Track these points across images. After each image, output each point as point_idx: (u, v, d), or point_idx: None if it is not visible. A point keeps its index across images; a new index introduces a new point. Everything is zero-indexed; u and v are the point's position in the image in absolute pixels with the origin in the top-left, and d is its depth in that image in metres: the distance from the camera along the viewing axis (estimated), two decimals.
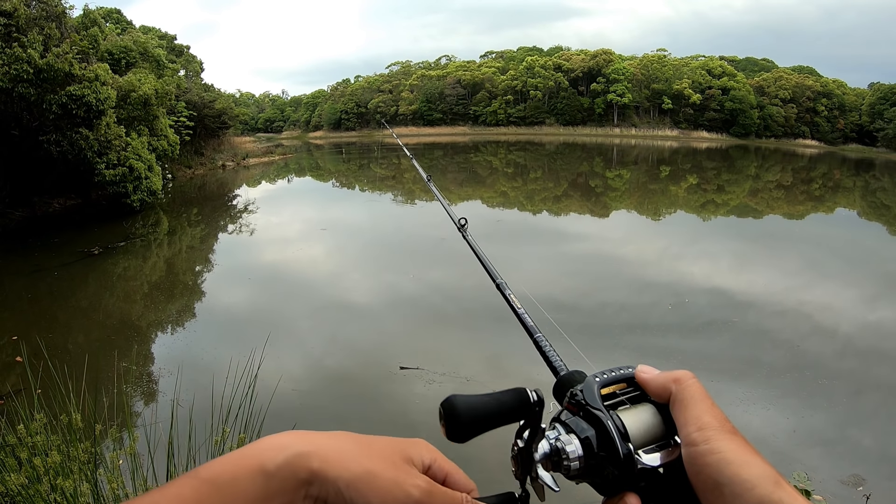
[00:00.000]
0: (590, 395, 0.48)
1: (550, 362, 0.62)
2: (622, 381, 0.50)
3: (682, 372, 0.48)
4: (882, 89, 56.81)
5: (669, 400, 0.47)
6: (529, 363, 5.12)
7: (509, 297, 0.80)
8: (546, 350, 0.64)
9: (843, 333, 6.69)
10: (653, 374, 0.49)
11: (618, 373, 0.50)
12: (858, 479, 3.90)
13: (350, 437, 0.47)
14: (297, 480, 0.42)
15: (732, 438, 0.43)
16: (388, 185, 24.84)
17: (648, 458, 0.46)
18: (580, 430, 0.47)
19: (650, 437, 0.47)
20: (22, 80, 11.37)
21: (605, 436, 0.46)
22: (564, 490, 0.50)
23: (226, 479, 0.41)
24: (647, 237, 13.40)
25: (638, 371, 0.50)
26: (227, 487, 0.40)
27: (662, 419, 0.48)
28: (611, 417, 0.46)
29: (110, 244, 11.47)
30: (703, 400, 0.46)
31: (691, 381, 0.47)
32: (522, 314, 0.74)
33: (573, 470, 0.46)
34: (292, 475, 0.42)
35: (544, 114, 68.42)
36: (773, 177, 29.35)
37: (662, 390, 0.48)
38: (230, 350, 4.60)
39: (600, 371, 0.51)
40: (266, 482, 0.41)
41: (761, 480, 0.40)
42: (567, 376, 0.56)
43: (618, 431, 0.46)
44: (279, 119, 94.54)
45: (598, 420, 0.47)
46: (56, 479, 2.28)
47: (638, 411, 0.48)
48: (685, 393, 0.46)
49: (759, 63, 72.78)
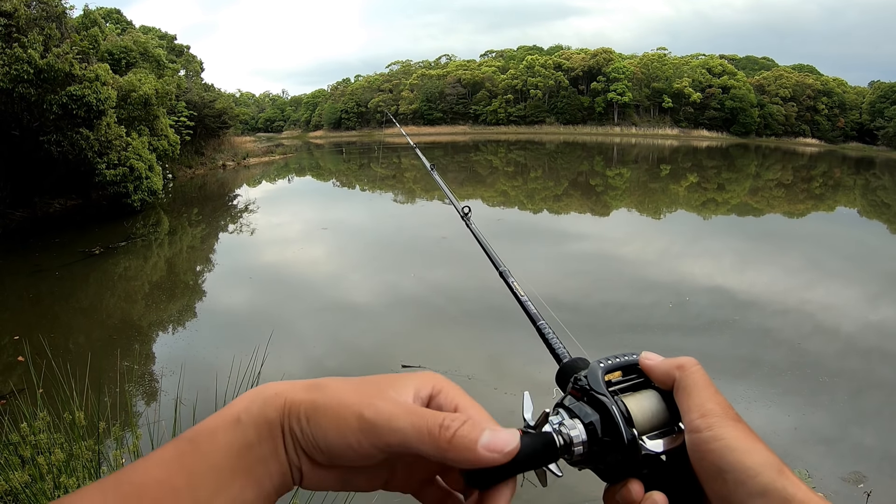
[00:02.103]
0: (594, 380, 0.48)
1: (553, 349, 0.61)
2: (626, 367, 0.50)
3: (686, 359, 0.47)
4: (882, 88, 56.77)
5: (673, 387, 0.47)
6: (531, 363, 5.13)
7: (512, 284, 0.79)
8: (549, 337, 0.64)
9: (845, 332, 6.69)
10: (657, 361, 0.49)
11: (622, 359, 0.50)
12: (859, 477, 3.91)
13: (336, 378, 0.43)
14: (269, 423, 0.40)
15: (736, 426, 0.43)
16: (388, 184, 24.84)
17: (652, 445, 0.45)
18: (584, 414, 0.46)
19: (654, 424, 0.47)
20: (22, 80, 11.37)
21: (609, 421, 0.45)
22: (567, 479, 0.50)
23: (204, 436, 0.40)
24: (647, 236, 13.39)
25: (642, 357, 0.50)
26: (205, 443, 0.39)
27: (666, 406, 0.47)
28: (615, 402, 0.46)
29: (111, 244, 11.48)
30: (707, 387, 0.45)
31: (695, 367, 0.47)
32: (525, 301, 0.73)
33: (576, 455, 0.45)
34: (263, 419, 0.40)
35: (544, 113, 68.39)
36: (774, 175, 29.33)
37: (666, 377, 0.47)
38: (232, 350, 4.60)
39: (604, 357, 0.50)
40: (241, 431, 0.40)
41: (765, 468, 0.40)
42: (570, 363, 0.56)
43: (622, 416, 0.45)
44: (279, 119, 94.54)
45: (602, 405, 0.46)
46: (59, 477, 2.29)
47: (642, 397, 0.48)
48: (689, 380, 0.46)
49: (760, 62, 72.78)
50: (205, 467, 0.38)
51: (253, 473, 0.39)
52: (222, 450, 0.39)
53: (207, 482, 0.38)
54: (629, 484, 0.45)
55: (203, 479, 0.38)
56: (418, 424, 0.39)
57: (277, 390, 0.41)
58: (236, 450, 0.39)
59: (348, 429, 0.39)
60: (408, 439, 0.39)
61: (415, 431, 0.39)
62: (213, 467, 0.38)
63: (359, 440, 0.39)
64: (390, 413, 0.39)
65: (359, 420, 0.39)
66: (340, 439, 0.39)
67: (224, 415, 0.41)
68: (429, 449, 0.39)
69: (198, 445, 0.39)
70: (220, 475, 0.38)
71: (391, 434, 0.39)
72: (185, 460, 0.38)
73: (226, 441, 0.39)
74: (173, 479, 0.37)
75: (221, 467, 0.38)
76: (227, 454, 0.39)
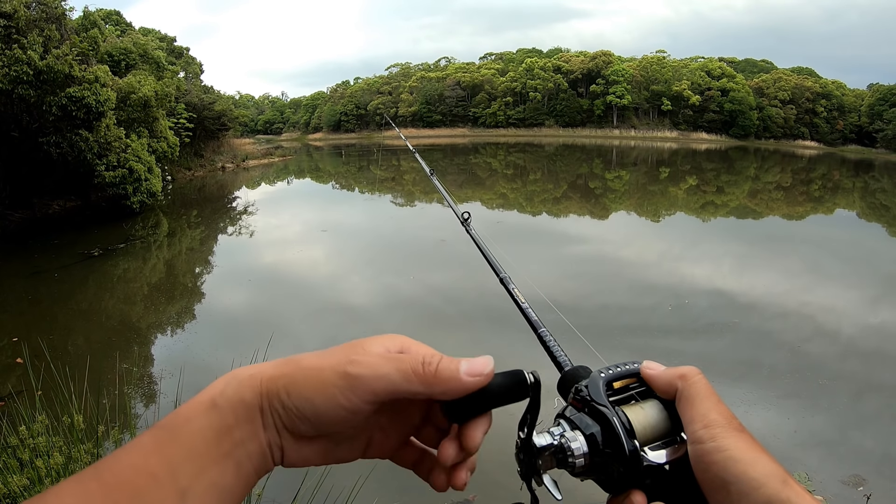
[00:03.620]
0: (595, 391, 0.47)
1: (555, 357, 0.60)
2: (628, 376, 0.49)
3: (688, 368, 0.47)
4: (881, 90, 56.93)
5: (675, 396, 0.47)
6: (531, 366, 5.12)
7: (513, 290, 0.79)
8: (550, 345, 0.63)
9: (845, 335, 6.69)
10: (658, 371, 0.48)
11: (623, 368, 0.50)
12: (859, 480, 3.90)
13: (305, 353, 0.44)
14: (245, 405, 0.40)
15: (739, 436, 0.42)
16: (387, 186, 24.84)
17: (654, 455, 0.45)
18: (585, 426, 0.46)
19: (656, 434, 0.46)
20: (22, 81, 11.37)
21: (610, 432, 0.45)
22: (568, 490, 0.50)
23: (180, 422, 0.40)
24: (646, 239, 13.40)
25: (643, 367, 0.49)
26: (181, 429, 0.39)
27: (668, 416, 0.47)
28: (616, 414, 0.46)
29: (110, 246, 11.47)
30: (710, 396, 0.45)
31: (697, 377, 0.46)
32: (526, 308, 0.72)
33: (578, 467, 0.45)
34: (240, 401, 0.40)
35: (544, 115, 68.50)
36: (773, 178, 29.37)
37: (668, 386, 0.47)
38: (232, 352, 4.60)
39: (605, 367, 0.50)
40: (218, 415, 0.40)
41: (769, 479, 0.40)
42: (571, 372, 0.55)
43: (623, 428, 0.45)
44: (279, 121, 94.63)
45: (603, 416, 0.46)
46: (58, 480, 2.28)
47: (643, 408, 0.47)
48: (691, 389, 0.45)
49: (759, 64, 72.95)
50: (183, 453, 0.38)
51: (232, 456, 0.40)
52: (199, 435, 0.39)
53: (187, 468, 0.38)
54: (632, 495, 0.45)
55: (182, 465, 0.38)
56: (402, 367, 0.41)
57: (251, 372, 0.42)
58: (214, 434, 0.39)
59: (335, 388, 0.40)
60: (395, 383, 0.41)
61: (400, 374, 0.41)
62: (192, 452, 0.39)
63: (347, 397, 0.40)
64: (372, 363, 0.41)
65: (344, 377, 0.40)
66: (328, 400, 0.40)
67: (199, 400, 0.41)
68: (416, 387, 0.41)
69: (175, 432, 0.39)
70: (199, 460, 0.38)
71: (378, 381, 0.40)
72: (164, 447, 0.38)
73: (202, 426, 0.39)
74: (152, 467, 0.37)
75: (200, 452, 0.39)
76: (205, 439, 0.39)
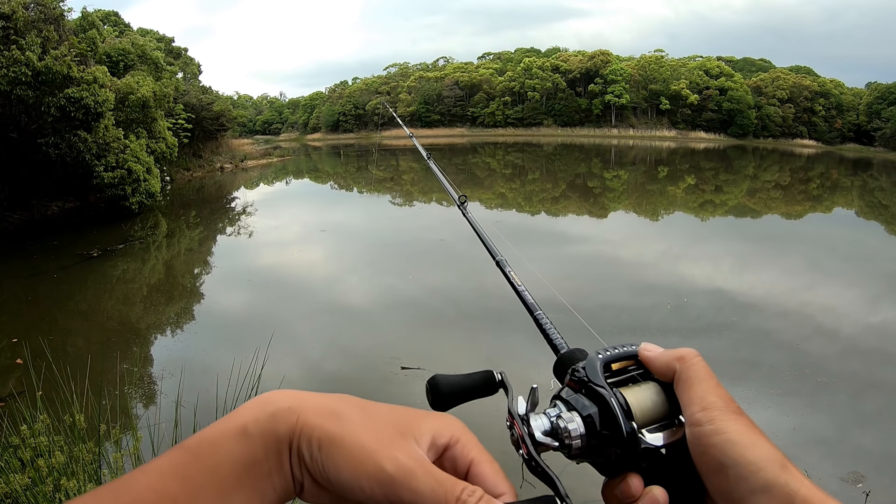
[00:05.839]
0: (592, 371, 0.46)
1: (551, 340, 0.60)
2: (626, 358, 0.48)
3: (687, 350, 0.46)
4: (879, 89, 56.95)
5: (673, 379, 0.46)
6: (529, 365, 5.13)
7: (509, 273, 0.78)
8: (546, 327, 0.62)
9: (844, 333, 6.70)
10: (657, 352, 0.47)
11: (621, 350, 0.49)
12: (858, 477, 3.92)
13: (349, 399, 0.42)
14: (277, 438, 0.39)
15: (738, 419, 0.42)
16: (386, 186, 24.84)
17: (652, 438, 0.44)
18: (582, 407, 0.45)
19: (654, 417, 0.45)
20: (20, 82, 11.36)
21: (608, 413, 0.44)
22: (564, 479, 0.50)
23: (206, 447, 0.38)
24: (645, 238, 13.41)
25: (641, 349, 0.48)
26: (207, 455, 0.38)
27: (666, 398, 0.46)
28: (614, 395, 0.45)
29: (109, 247, 11.46)
30: (708, 379, 0.44)
31: (696, 359, 0.45)
32: (522, 291, 0.72)
33: (574, 449, 0.44)
34: (272, 433, 0.39)
35: (542, 115, 68.48)
36: (771, 177, 29.40)
37: (666, 368, 0.46)
38: (232, 352, 4.60)
39: (603, 348, 0.49)
40: (248, 444, 0.38)
41: (767, 463, 0.39)
42: (568, 354, 0.55)
43: (621, 409, 0.44)
44: (277, 121, 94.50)
45: (601, 397, 0.44)
46: (60, 479, 2.28)
47: (641, 389, 0.46)
48: (689, 372, 0.45)
49: (757, 63, 72.99)
50: (206, 479, 0.37)
51: (257, 487, 0.38)
52: (226, 462, 0.38)
53: (208, 494, 0.37)
54: (628, 478, 0.44)
55: (204, 492, 0.37)
56: (437, 492, 0.38)
57: (290, 405, 0.40)
58: (242, 464, 0.38)
59: (364, 475, 0.38)
60: (422, 499, 0.38)
61: (432, 497, 0.38)
62: (216, 479, 0.37)
63: (372, 488, 0.38)
64: (410, 471, 0.38)
65: (378, 471, 0.38)
66: (353, 481, 0.38)
67: (229, 424, 0.39)
68: None
69: (200, 456, 0.38)
70: (222, 487, 0.37)
71: (408, 492, 0.38)
72: (186, 471, 0.37)
73: (231, 453, 0.38)
74: (172, 490, 0.36)
75: (225, 480, 0.38)
76: (233, 467, 0.38)
